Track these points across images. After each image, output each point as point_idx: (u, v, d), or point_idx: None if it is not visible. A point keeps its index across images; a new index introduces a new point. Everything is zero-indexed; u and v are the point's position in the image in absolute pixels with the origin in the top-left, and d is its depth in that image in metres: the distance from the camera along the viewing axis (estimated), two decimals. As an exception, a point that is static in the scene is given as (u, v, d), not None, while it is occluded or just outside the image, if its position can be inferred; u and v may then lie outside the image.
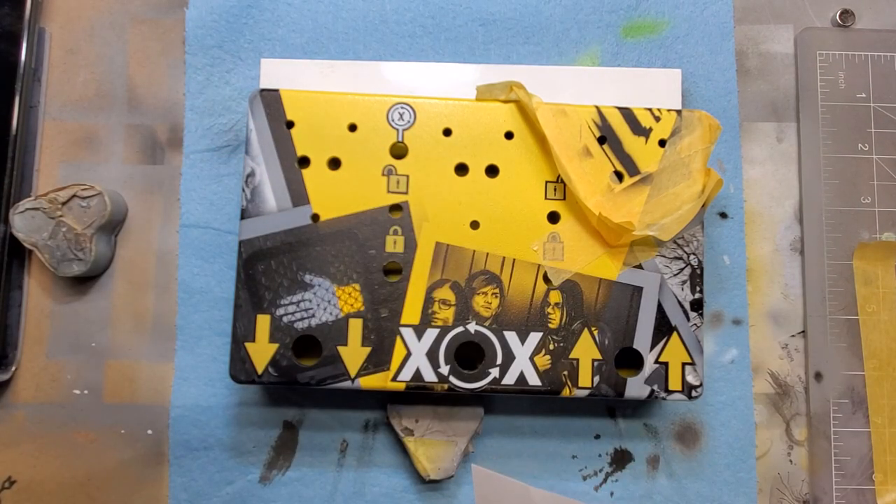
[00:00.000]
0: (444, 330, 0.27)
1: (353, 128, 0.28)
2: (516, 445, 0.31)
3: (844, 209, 0.32)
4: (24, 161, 0.31)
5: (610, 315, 0.28)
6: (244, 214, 0.27)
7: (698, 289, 0.28)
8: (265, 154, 0.28)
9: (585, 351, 0.28)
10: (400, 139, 0.28)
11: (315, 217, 0.28)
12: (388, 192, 0.28)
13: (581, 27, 0.33)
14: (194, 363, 0.31)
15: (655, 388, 0.28)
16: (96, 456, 0.31)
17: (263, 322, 0.27)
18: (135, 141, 0.32)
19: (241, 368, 0.27)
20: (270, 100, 0.28)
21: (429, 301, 0.27)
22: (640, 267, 0.28)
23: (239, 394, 0.31)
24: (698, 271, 0.28)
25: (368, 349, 0.27)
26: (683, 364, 0.28)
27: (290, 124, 0.28)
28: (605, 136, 0.28)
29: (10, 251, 0.30)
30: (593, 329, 0.28)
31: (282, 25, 0.32)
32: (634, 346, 0.28)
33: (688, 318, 0.28)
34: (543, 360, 0.27)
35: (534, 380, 0.27)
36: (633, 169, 0.28)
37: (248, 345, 0.27)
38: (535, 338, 0.27)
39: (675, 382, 0.28)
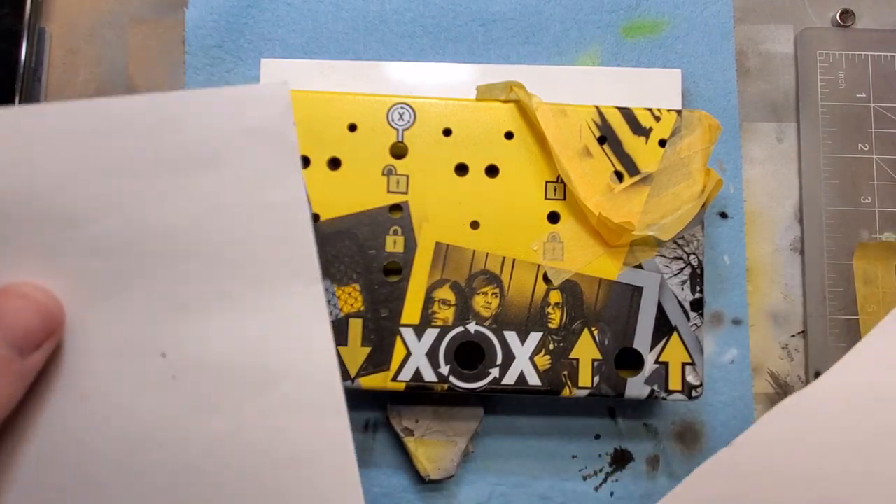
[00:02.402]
0: (444, 330, 0.27)
1: (352, 128, 0.28)
2: (516, 445, 0.31)
3: (844, 209, 0.32)
4: (24, 161, 0.31)
5: (610, 315, 0.28)
6: (244, 214, 0.27)
7: (698, 289, 0.28)
8: (265, 154, 0.28)
9: (585, 351, 0.28)
10: (400, 139, 0.28)
11: (315, 217, 0.28)
12: (388, 192, 0.28)
13: (581, 27, 0.33)
14: (194, 363, 0.31)
15: (655, 388, 0.28)
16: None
17: (263, 322, 0.27)
18: (135, 141, 0.32)
19: (241, 368, 0.27)
20: (270, 100, 0.28)
21: (429, 301, 0.27)
22: (640, 267, 0.28)
23: (239, 394, 0.31)
24: (698, 271, 0.28)
25: (368, 349, 0.27)
26: (683, 364, 0.28)
27: (290, 124, 0.28)
28: (605, 136, 0.28)
29: (10, 251, 0.30)
30: (593, 329, 0.28)
31: (282, 25, 0.32)
32: (634, 346, 0.28)
33: (688, 318, 0.28)
34: (543, 360, 0.27)
35: (534, 380, 0.27)
36: (633, 169, 0.28)
37: (248, 345, 0.27)
38: (535, 338, 0.27)
39: (675, 382, 0.28)
